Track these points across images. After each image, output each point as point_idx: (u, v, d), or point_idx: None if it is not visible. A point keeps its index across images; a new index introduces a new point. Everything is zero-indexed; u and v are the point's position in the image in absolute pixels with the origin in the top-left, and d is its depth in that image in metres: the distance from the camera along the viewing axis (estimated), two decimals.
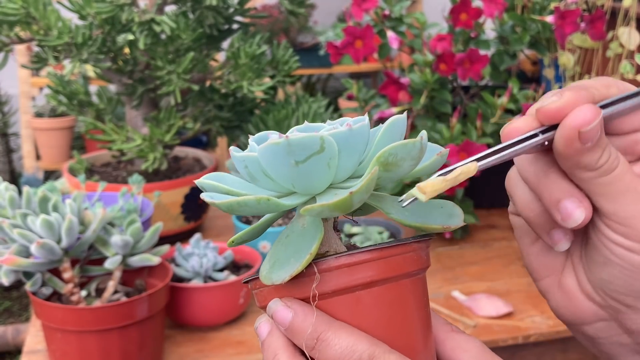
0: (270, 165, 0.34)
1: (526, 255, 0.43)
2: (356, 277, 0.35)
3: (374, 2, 1.17)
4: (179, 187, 1.13)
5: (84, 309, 0.78)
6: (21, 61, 2.44)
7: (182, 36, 1.06)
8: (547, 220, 0.39)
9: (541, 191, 0.37)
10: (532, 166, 0.38)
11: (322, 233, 0.35)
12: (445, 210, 0.39)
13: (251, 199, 0.34)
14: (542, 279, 0.42)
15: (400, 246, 0.36)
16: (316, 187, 0.35)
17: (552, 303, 0.42)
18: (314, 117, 1.21)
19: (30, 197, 0.79)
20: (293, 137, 0.32)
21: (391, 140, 0.35)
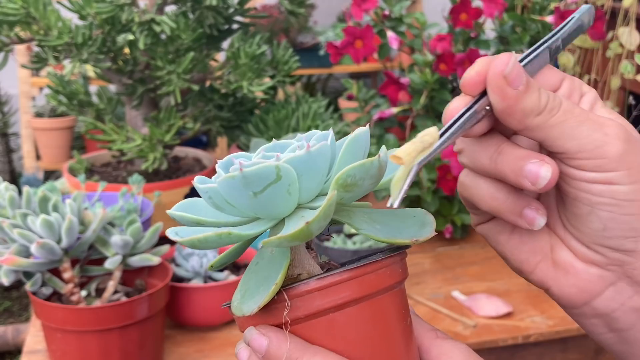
0: (230, 197, 0.34)
1: (509, 254, 0.41)
2: (328, 300, 0.34)
3: (374, 2, 1.17)
4: (179, 187, 1.13)
5: (84, 309, 0.78)
6: (21, 61, 2.44)
7: (182, 36, 1.06)
8: (515, 202, 0.38)
9: (501, 169, 0.36)
10: (484, 153, 0.37)
11: (288, 260, 0.34)
12: (418, 220, 0.38)
13: (211, 235, 0.34)
14: (534, 269, 0.41)
15: (373, 264, 0.35)
16: (281, 212, 0.35)
17: (554, 289, 0.40)
18: (313, 117, 1.21)
19: (30, 197, 0.79)
20: (248, 169, 0.32)
21: (353, 156, 0.35)
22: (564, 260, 0.39)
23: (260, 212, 0.35)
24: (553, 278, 0.40)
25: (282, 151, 0.37)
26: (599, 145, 0.35)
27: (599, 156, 0.35)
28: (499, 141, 0.37)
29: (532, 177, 0.35)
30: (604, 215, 0.36)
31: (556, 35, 0.38)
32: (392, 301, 0.37)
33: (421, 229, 0.38)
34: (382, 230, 0.37)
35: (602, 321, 0.39)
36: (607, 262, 0.37)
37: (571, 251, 0.39)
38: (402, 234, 0.37)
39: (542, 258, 0.40)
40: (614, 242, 0.37)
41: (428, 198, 1.14)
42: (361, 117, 1.26)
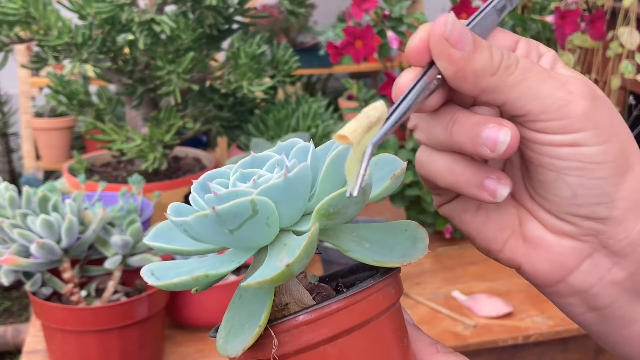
0: (205, 234, 0.32)
1: (475, 233, 0.38)
2: (318, 334, 0.32)
3: (374, 2, 1.17)
4: (179, 187, 1.13)
5: (84, 309, 0.78)
6: (21, 61, 2.44)
7: (182, 36, 1.06)
8: (474, 173, 0.35)
9: (457, 139, 0.34)
10: (439, 125, 0.34)
11: (272, 296, 0.32)
12: (409, 234, 0.36)
13: (188, 280, 0.32)
14: (503, 247, 0.37)
15: (364, 290, 0.33)
16: (261, 243, 0.33)
17: (526, 267, 0.37)
18: (313, 117, 1.21)
19: (30, 197, 0.79)
20: (220, 207, 0.30)
21: (336, 176, 0.33)
22: (534, 234, 0.36)
23: (239, 246, 0.34)
24: (524, 254, 0.37)
25: (260, 166, 0.36)
26: (563, 105, 0.32)
27: (563, 116, 0.32)
28: (451, 112, 0.34)
29: (490, 143, 0.32)
30: (572, 181, 0.33)
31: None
32: (387, 325, 0.35)
33: (413, 245, 0.36)
34: (372, 249, 0.35)
35: (580, 299, 0.37)
36: (581, 232, 0.35)
37: (541, 224, 0.36)
38: (393, 252, 0.35)
39: (510, 234, 0.37)
40: (585, 210, 0.34)
41: (428, 198, 1.14)
42: None
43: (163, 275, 0.34)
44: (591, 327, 0.38)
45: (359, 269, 0.39)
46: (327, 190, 0.33)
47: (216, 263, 0.35)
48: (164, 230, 0.36)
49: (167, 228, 0.36)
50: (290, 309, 0.34)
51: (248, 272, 0.35)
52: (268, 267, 0.32)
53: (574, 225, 0.35)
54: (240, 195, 0.31)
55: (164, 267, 0.35)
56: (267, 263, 0.32)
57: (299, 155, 0.35)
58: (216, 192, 0.32)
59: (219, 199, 0.32)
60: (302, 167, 0.32)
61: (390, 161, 0.36)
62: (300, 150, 0.35)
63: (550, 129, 0.33)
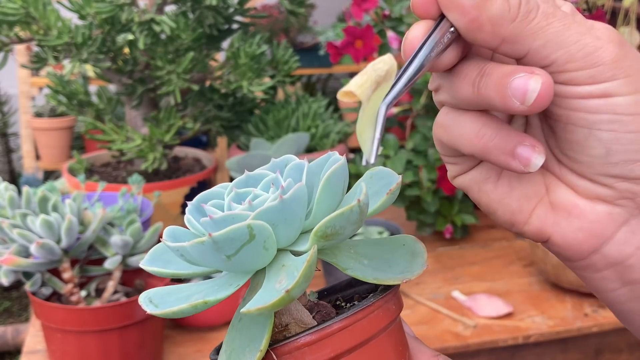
0: (203, 260, 0.32)
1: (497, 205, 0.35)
2: (320, 355, 0.32)
3: (374, 2, 1.17)
4: (179, 187, 1.13)
5: (84, 309, 0.78)
6: (21, 61, 2.44)
7: (182, 36, 1.06)
8: (505, 139, 0.32)
9: (485, 93, 0.31)
10: (465, 81, 0.32)
11: (272, 320, 0.32)
12: (408, 249, 0.36)
13: (187, 307, 0.32)
14: (529, 218, 0.34)
15: (364, 309, 0.33)
16: (259, 265, 0.33)
17: (556, 237, 0.33)
18: (313, 117, 1.21)
19: (30, 197, 0.78)
20: (217, 234, 0.30)
21: (332, 195, 0.33)
22: (565, 201, 0.33)
23: (237, 269, 0.34)
24: (553, 224, 0.33)
25: (255, 185, 0.35)
26: (591, 52, 0.29)
27: (592, 64, 0.30)
28: (482, 64, 0.31)
29: (520, 94, 0.29)
30: (605, 137, 0.30)
31: None
32: (388, 341, 0.34)
33: (412, 260, 0.35)
34: (370, 266, 0.35)
35: (614, 272, 0.33)
36: (616, 195, 0.32)
37: (571, 189, 0.33)
38: (391, 267, 0.35)
39: (537, 203, 0.34)
40: (620, 169, 0.31)
41: (428, 198, 1.14)
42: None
43: (162, 302, 0.34)
44: (623, 305, 0.34)
45: (358, 283, 0.39)
46: (323, 209, 0.33)
47: (214, 287, 0.34)
48: (160, 252, 0.36)
49: (162, 251, 0.36)
50: (291, 329, 0.34)
51: (246, 295, 0.35)
52: (267, 291, 0.31)
53: (608, 187, 0.32)
54: (236, 219, 0.31)
55: (162, 293, 0.35)
56: (266, 286, 0.32)
57: (294, 174, 0.34)
58: (212, 216, 0.32)
59: (215, 223, 0.32)
60: (297, 187, 0.32)
61: (385, 175, 0.36)
62: (295, 168, 0.35)
63: (578, 80, 0.30)
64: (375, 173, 0.37)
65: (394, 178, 0.35)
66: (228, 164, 1.11)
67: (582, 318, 0.98)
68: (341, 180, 0.33)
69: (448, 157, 0.36)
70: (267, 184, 0.35)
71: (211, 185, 1.21)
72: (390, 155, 1.15)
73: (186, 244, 0.31)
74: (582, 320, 0.97)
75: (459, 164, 0.36)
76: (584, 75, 0.30)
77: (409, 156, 1.15)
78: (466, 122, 0.33)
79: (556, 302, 1.02)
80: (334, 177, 0.32)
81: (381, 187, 0.36)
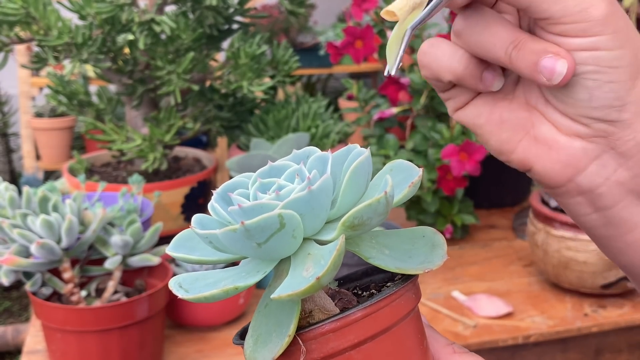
0: (233, 247, 0.33)
1: (489, 135, 0.40)
2: (344, 341, 0.34)
3: (374, 2, 1.17)
4: (179, 187, 1.13)
5: (84, 309, 0.78)
6: (21, 61, 2.44)
7: (182, 36, 1.06)
8: (475, 66, 0.38)
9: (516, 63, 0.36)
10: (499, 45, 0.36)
11: (299, 306, 0.34)
12: (427, 240, 0.37)
13: (219, 293, 0.33)
14: (516, 148, 0.39)
15: (387, 298, 0.34)
16: (285, 253, 0.35)
17: (538, 167, 0.39)
18: (313, 117, 1.21)
19: (30, 197, 0.79)
20: (249, 222, 0.31)
21: (357, 186, 0.35)
22: (547, 136, 0.38)
23: (265, 257, 0.35)
24: (536, 155, 0.39)
25: (278, 175, 0.36)
26: (584, 8, 0.34)
27: (583, 19, 0.34)
28: (516, 33, 0.36)
29: (547, 73, 0.35)
30: (589, 84, 0.35)
31: None
32: (408, 329, 0.36)
33: (432, 251, 0.37)
34: (392, 256, 0.36)
35: (586, 199, 0.38)
36: (592, 133, 0.37)
37: (554, 126, 0.38)
38: (412, 258, 0.36)
39: (523, 136, 0.39)
40: (599, 113, 0.36)
41: (428, 198, 1.14)
42: (361, 117, 1.26)
43: (191, 287, 0.35)
44: (595, 230, 0.39)
45: (373, 272, 0.40)
46: (348, 200, 0.35)
47: (241, 274, 0.35)
48: (184, 240, 0.37)
49: (186, 238, 0.37)
50: (315, 316, 0.35)
51: (272, 282, 0.36)
52: (295, 278, 0.33)
53: (586, 126, 0.37)
54: (265, 208, 0.32)
55: (190, 279, 0.36)
56: (293, 273, 0.34)
57: (317, 165, 0.36)
58: (241, 205, 0.33)
59: (244, 212, 0.33)
60: (325, 179, 0.33)
61: (406, 168, 0.37)
62: (318, 160, 0.36)
63: (570, 32, 0.34)
64: (395, 165, 0.38)
65: (415, 171, 0.37)
66: (228, 164, 1.11)
67: (582, 318, 0.98)
68: (366, 172, 0.35)
69: (445, 92, 0.41)
70: (291, 174, 0.36)
71: (211, 185, 1.21)
72: (390, 155, 1.15)
73: (217, 232, 0.32)
74: (582, 320, 0.97)
75: (455, 97, 0.41)
76: (576, 28, 0.34)
77: (409, 156, 1.15)
78: (444, 49, 0.38)
79: (556, 302, 1.02)
80: (359, 169, 0.34)
81: (402, 179, 0.37)
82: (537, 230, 1.04)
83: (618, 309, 1.00)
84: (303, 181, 0.35)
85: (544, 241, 1.02)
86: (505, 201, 1.40)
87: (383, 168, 0.38)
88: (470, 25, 0.37)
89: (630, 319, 0.99)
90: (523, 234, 1.26)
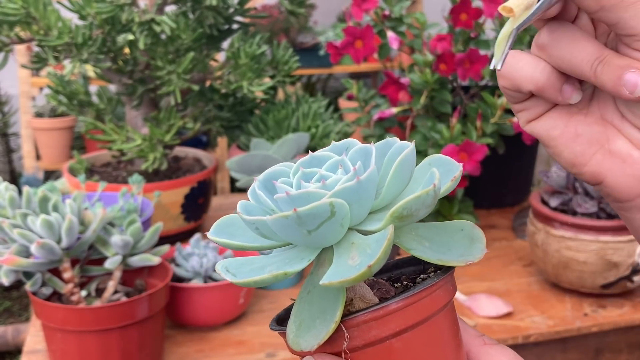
0: (283, 233, 0.34)
1: (563, 148, 0.41)
2: (385, 329, 0.35)
3: (374, 2, 1.18)
4: (179, 187, 1.13)
5: (84, 309, 0.78)
6: (21, 61, 2.44)
7: (182, 36, 1.06)
8: (556, 78, 0.39)
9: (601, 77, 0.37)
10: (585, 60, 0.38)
11: (344, 294, 0.35)
12: (466, 234, 0.38)
13: (269, 277, 0.34)
14: (589, 161, 0.40)
15: (427, 288, 0.36)
16: (332, 241, 0.35)
17: (610, 180, 0.40)
18: (314, 117, 1.21)
19: (30, 197, 0.79)
20: (302, 209, 0.32)
21: (402, 178, 0.35)
22: (622, 150, 0.39)
23: (313, 244, 0.36)
24: (609, 168, 0.40)
25: (319, 166, 0.37)
26: None
27: None
28: (601, 50, 0.37)
29: (631, 86, 0.36)
30: None
31: None
32: (445, 320, 0.37)
33: (471, 245, 0.37)
34: (432, 248, 0.37)
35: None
36: None
37: (629, 140, 0.39)
38: (451, 251, 0.37)
39: (597, 149, 0.40)
40: None
41: None
42: (361, 117, 1.26)
43: (238, 272, 0.35)
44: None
45: (404, 264, 0.41)
46: (393, 191, 0.36)
47: (285, 260, 0.36)
48: (224, 225, 0.38)
49: (227, 224, 0.38)
50: (355, 304, 0.36)
51: (314, 270, 0.37)
52: (342, 266, 0.33)
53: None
54: (313, 196, 0.33)
55: (236, 264, 0.36)
56: (338, 261, 0.34)
57: (361, 157, 0.36)
58: (289, 193, 0.33)
59: (292, 199, 0.33)
60: (372, 170, 0.34)
61: (446, 162, 0.38)
62: (360, 152, 0.37)
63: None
64: (434, 160, 0.39)
65: (455, 166, 0.38)
66: (228, 164, 1.11)
67: (582, 318, 0.98)
68: (410, 165, 0.36)
69: (520, 103, 0.42)
70: (334, 165, 0.37)
71: (211, 185, 1.21)
72: None
73: (267, 218, 0.33)
74: (582, 320, 0.97)
75: (529, 109, 0.42)
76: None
77: None
78: (525, 60, 0.39)
79: (556, 302, 1.02)
80: (405, 161, 0.35)
81: (442, 173, 0.37)
82: (537, 230, 1.04)
83: (618, 309, 1.00)
84: (347, 172, 0.35)
85: (544, 241, 1.02)
86: (505, 201, 1.40)
87: (422, 162, 0.39)
88: (557, 39, 0.38)
89: (630, 319, 0.99)
90: (523, 234, 1.26)
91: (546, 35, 0.39)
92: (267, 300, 1.03)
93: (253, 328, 0.96)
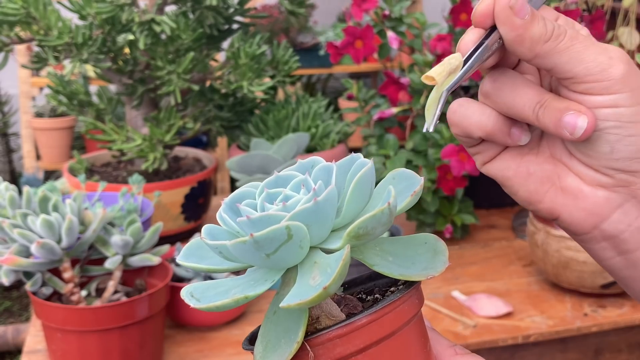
0: (243, 257, 0.35)
1: (518, 187, 0.42)
2: (350, 346, 0.35)
3: (374, 2, 1.18)
4: (179, 187, 1.13)
5: (84, 308, 0.78)
6: (21, 61, 2.44)
7: (182, 36, 1.06)
8: (503, 123, 0.40)
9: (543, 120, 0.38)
10: (527, 105, 0.39)
11: (307, 314, 0.35)
12: (429, 247, 0.38)
13: (230, 302, 0.34)
14: (543, 198, 0.42)
15: (392, 304, 0.36)
16: (292, 262, 0.36)
17: (564, 216, 0.41)
18: (313, 117, 1.21)
19: (30, 197, 0.79)
20: (258, 234, 0.32)
21: (361, 196, 0.36)
22: (572, 186, 0.41)
23: (274, 266, 0.36)
24: (562, 204, 0.41)
25: (284, 185, 0.37)
26: (605, 68, 0.37)
27: (605, 78, 0.37)
28: (542, 94, 0.39)
29: (570, 127, 0.37)
30: (611, 139, 0.38)
31: None
32: (412, 333, 0.37)
33: (434, 257, 0.38)
34: (395, 263, 0.37)
35: (610, 244, 0.41)
36: (614, 183, 0.39)
37: (578, 177, 0.41)
38: (415, 265, 0.37)
39: (550, 187, 0.41)
40: (621, 164, 0.38)
41: (428, 198, 1.14)
42: (361, 117, 1.26)
43: (203, 296, 0.36)
44: (619, 271, 0.42)
45: (377, 276, 0.41)
46: (352, 209, 0.36)
47: (250, 282, 0.36)
48: (194, 248, 0.39)
49: (196, 247, 0.39)
50: (322, 322, 0.36)
51: (280, 290, 0.37)
52: (303, 287, 0.34)
53: (609, 177, 0.39)
54: (273, 219, 0.33)
55: (202, 288, 0.37)
56: (300, 282, 0.35)
57: (322, 175, 0.37)
58: (249, 216, 0.34)
59: (252, 223, 0.34)
60: (330, 190, 0.34)
61: (408, 176, 0.39)
62: (323, 170, 0.37)
63: (592, 90, 0.37)
64: (398, 174, 0.39)
65: (416, 180, 0.38)
66: (228, 164, 1.11)
67: (582, 318, 0.98)
68: (369, 183, 0.36)
69: (473, 147, 0.43)
70: (297, 185, 0.37)
71: (211, 185, 1.21)
72: (390, 155, 1.16)
73: (228, 243, 0.33)
74: (582, 320, 0.97)
75: (483, 152, 0.43)
76: (598, 87, 0.37)
77: (409, 156, 1.16)
78: (474, 109, 0.41)
79: (556, 302, 1.02)
80: (363, 179, 0.35)
81: (404, 188, 0.38)
82: (536, 230, 1.04)
83: (618, 309, 1.00)
84: (309, 191, 0.36)
85: (544, 241, 1.02)
86: (505, 201, 1.40)
87: (386, 177, 0.39)
88: (499, 87, 0.40)
89: (630, 319, 0.99)
90: (523, 233, 1.26)
91: (489, 84, 0.40)
92: (267, 300, 1.04)
93: (252, 328, 0.95)
